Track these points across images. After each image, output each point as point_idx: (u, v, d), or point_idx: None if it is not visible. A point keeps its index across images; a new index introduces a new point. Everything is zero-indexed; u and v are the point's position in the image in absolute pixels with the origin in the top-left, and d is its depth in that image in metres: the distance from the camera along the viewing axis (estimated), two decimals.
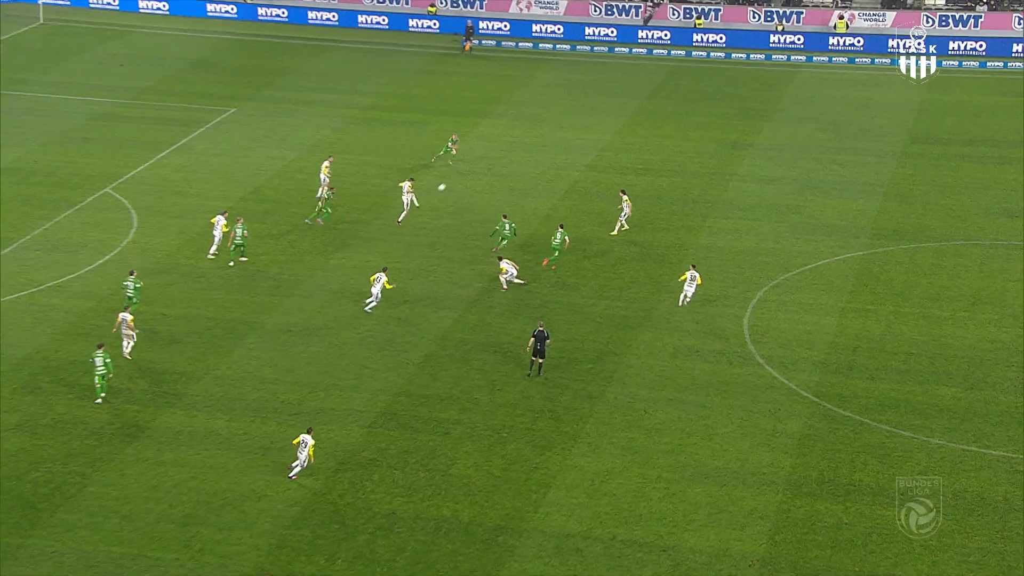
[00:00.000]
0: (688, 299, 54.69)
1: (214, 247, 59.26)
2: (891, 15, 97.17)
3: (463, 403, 48.07)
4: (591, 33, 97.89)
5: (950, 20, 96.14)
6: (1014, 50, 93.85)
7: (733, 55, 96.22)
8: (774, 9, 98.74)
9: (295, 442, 43.14)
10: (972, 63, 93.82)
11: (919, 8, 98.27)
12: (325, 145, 74.06)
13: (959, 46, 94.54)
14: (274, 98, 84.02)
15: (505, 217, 60.32)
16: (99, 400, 47.33)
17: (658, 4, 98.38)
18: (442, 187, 65.54)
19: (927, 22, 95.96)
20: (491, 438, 45.84)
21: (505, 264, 56.13)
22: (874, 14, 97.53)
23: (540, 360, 49.28)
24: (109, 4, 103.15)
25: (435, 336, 52.88)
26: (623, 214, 62.59)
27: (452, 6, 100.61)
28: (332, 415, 47.08)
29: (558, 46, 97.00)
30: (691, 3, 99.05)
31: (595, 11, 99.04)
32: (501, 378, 49.89)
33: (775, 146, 75.81)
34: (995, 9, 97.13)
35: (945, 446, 44.71)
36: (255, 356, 51.30)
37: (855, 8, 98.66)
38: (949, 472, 43.08)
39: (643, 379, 49.81)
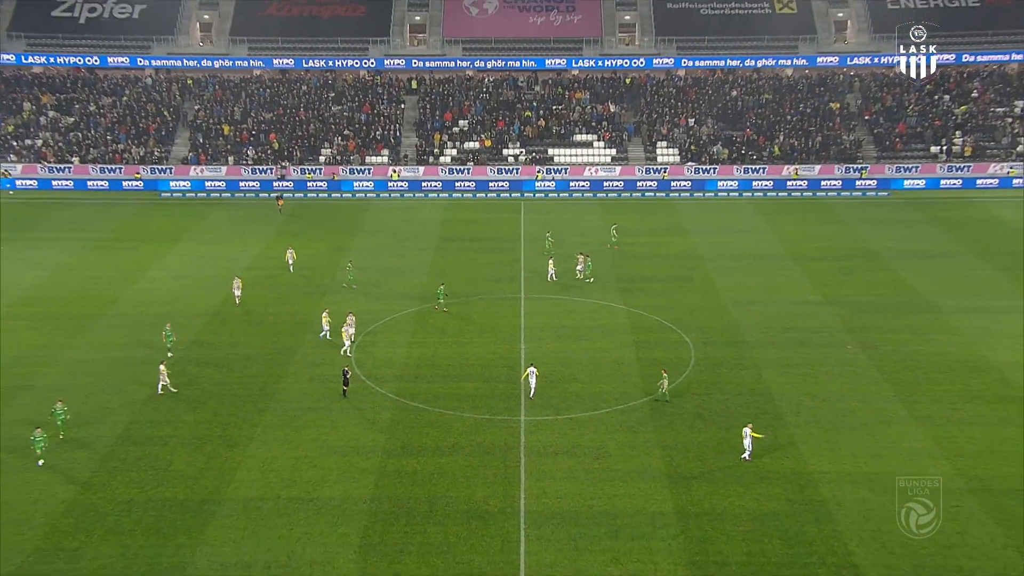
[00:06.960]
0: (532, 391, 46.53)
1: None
2: (421, 168, 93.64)
3: (174, 423, 45.45)
4: (244, 185, 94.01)
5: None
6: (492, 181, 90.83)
7: (376, 195, 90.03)
8: (354, 166, 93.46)
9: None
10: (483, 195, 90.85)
11: (436, 164, 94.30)
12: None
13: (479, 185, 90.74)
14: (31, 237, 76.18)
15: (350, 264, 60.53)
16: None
17: (285, 167, 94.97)
18: None
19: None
20: (195, 443, 43.62)
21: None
22: (410, 169, 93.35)
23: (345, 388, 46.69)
24: None
25: (151, 383, 49.44)
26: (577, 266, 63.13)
27: (151, 173, 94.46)
28: (82, 442, 43.45)
29: (223, 194, 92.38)
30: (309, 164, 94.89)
31: (245, 172, 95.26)
32: (200, 403, 47.41)
33: (365, 249, 72.79)
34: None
35: (471, 417, 44.41)
36: None
37: (400, 165, 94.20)
38: (473, 432, 42.64)
39: (292, 397, 48.02)
